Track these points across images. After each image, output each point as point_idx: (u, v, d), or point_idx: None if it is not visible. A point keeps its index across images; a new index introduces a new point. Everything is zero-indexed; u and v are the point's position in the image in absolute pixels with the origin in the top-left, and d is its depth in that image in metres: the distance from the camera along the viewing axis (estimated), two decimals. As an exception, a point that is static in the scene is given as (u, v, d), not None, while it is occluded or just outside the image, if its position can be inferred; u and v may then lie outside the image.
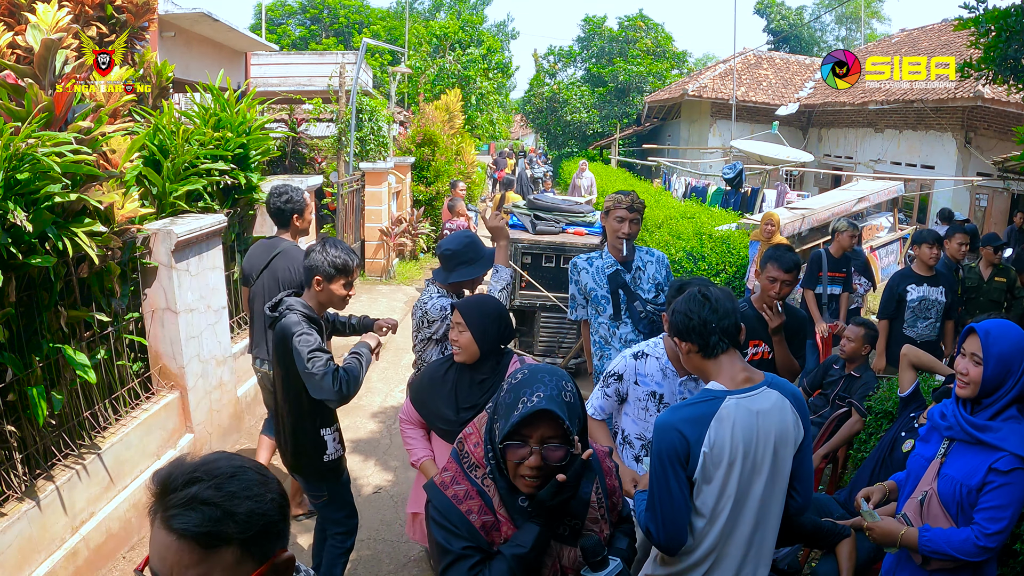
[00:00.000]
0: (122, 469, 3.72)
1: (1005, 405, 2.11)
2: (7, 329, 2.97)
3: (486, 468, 1.57)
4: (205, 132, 4.66)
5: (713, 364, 2.00)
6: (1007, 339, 2.11)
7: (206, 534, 0.98)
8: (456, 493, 1.55)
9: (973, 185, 11.58)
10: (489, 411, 1.61)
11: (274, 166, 8.76)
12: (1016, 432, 2.06)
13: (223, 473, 1.03)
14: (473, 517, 1.52)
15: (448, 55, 20.49)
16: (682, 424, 1.88)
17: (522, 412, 1.44)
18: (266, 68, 12.63)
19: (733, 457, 1.89)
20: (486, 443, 1.58)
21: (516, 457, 1.47)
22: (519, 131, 38.23)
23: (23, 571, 3.01)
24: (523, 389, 1.48)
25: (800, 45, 33.53)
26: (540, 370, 1.53)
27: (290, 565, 1.10)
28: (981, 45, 5.14)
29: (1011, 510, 2.03)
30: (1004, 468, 2.03)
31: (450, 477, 1.59)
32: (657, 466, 1.89)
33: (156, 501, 1.02)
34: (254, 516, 1.01)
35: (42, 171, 2.96)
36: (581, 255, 3.65)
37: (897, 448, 3.20)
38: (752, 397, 1.93)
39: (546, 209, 6.47)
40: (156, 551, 1.00)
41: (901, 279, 4.95)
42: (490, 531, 1.53)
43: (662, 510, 1.87)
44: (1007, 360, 2.09)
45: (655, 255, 3.58)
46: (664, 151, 21.47)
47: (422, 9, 35.58)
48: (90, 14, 4.72)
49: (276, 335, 2.85)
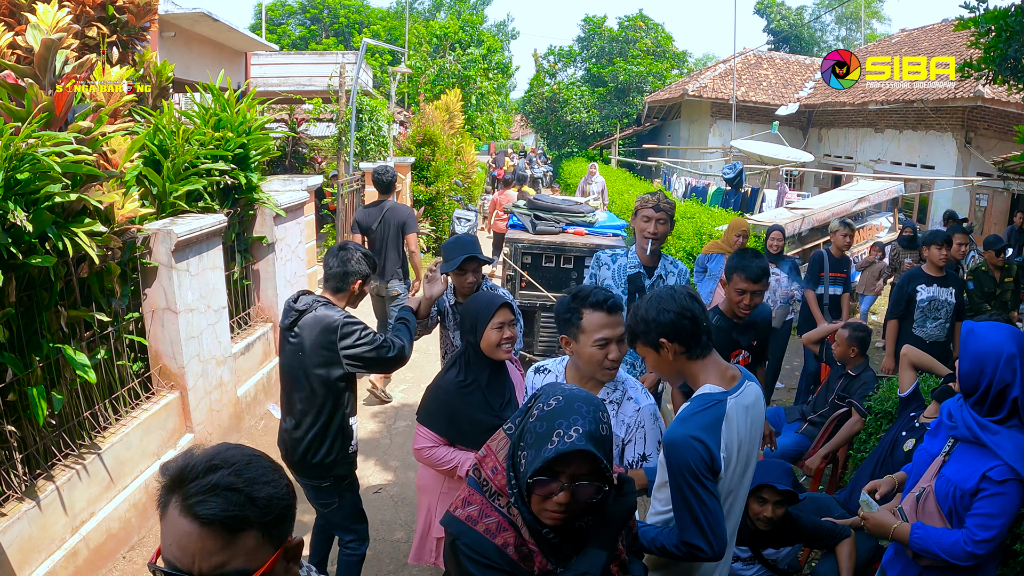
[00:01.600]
0: (122, 469, 3.72)
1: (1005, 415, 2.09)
2: (7, 329, 2.97)
3: (509, 497, 1.46)
4: (205, 132, 4.66)
5: (700, 365, 1.96)
6: (985, 339, 2.11)
7: (232, 518, 0.99)
8: (488, 527, 1.44)
9: (973, 185, 11.59)
10: (509, 433, 1.51)
11: (274, 166, 8.78)
12: (1014, 441, 2.06)
13: (240, 461, 1.04)
14: (510, 551, 1.42)
15: (448, 55, 20.49)
16: (699, 433, 1.82)
17: (558, 449, 1.32)
18: (266, 68, 12.63)
19: (734, 454, 1.90)
20: (508, 470, 1.46)
21: (544, 492, 1.37)
22: (519, 131, 38.23)
23: (23, 571, 3.01)
24: (558, 420, 1.36)
25: (800, 45, 33.54)
26: (576, 398, 1.40)
27: (299, 549, 1.12)
28: (981, 45, 5.14)
29: (1002, 520, 2.04)
30: (997, 478, 2.03)
31: (477, 511, 1.47)
32: (691, 480, 1.81)
33: (172, 491, 1.02)
34: (273, 500, 1.04)
35: (42, 171, 2.96)
36: (606, 250, 3.55)
37: (898, 448, 3.20)
38: (742, 393, 1.94)
39: (546, 209, 6.47)
40: (176, 540, 1.00)
41: (910, 279, 4.94)
42: (526, 562, 1.44)
43: (708, 521, 1.81)
44: (980, 359, 2.09)
45: (679, 267, 3.45)
46: (664, 151, 21.47)
47: (422, 9, 35.59)
48: (91, 14, 4.72)
49: (313, 327, 2.80)
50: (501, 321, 2.60)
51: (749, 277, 3.02)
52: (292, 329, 2.86)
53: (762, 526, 2.68)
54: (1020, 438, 2.07)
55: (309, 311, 2.84)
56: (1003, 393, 2.08)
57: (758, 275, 3.01)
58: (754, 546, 2.75)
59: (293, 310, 2.87)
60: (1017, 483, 2.02)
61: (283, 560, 1.07)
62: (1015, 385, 2.06)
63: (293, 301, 2.90)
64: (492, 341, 2.60)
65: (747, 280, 3.02)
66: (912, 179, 12.41)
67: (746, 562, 2.79)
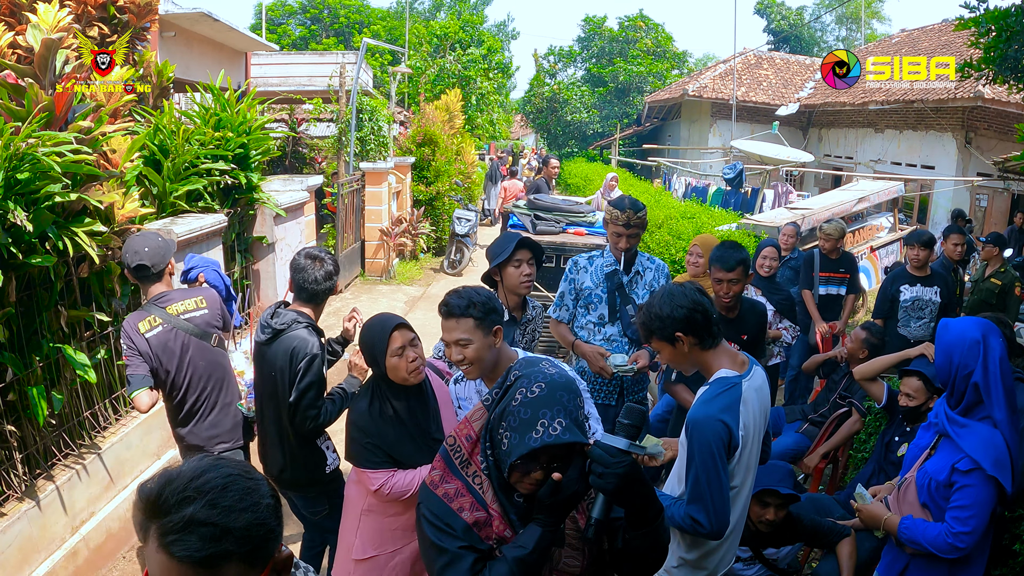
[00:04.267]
0: (122, 469, 3.72)
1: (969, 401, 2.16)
2: (7, 329, 2.97)
3: (480, 465, 1.54)
4: (205, 132, 4.66)
5: (712, 354, 2.09)
6: (955, 330, 2.18)
7: (209, 556, 0.97)
8: (447, 492, 1.53)
9: (973, 185, 11.59)
10: (488, 405, 1.56)
11: (274, 166, 8.77)
12: (978, 434, 2.11)
13: (215, 487, 1.00)
14: (465, 515, 1.50)
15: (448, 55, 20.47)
16: (721, 413, 1.96)
17: (544, 440, 1.40)
18: (266, 68, 12.62)
19: (751, 432, 2.02)
20: (484, 441, 1.54)
21: (524, 471, 1.46)
22: (519, 131, 38.23)
23: (23, 571, 3.01)
24: (542, 410, 1.43)
25: (800, 45, 33.51)
26: (558, 386, 1.47)
27: (289, 562, 1.10)
28: (981, 45, 5.14)
29: (975, 511, 2.08)
30: (963, 468, 2.10)
31: (439, 475, 1.56)
32: (707, 457, 1.93)
33: (148, 521, 1.00)
34: (252, 527, 1.00)
35: (42, 171, 2.96)
36: (583, 254, 3.59)
37: (892, 452, 3.22)
38: (753, 377, 2.07)
39: (546, 209, 6.47)
40: (160, 573, 0.99)
41: (894, 280, 4.97)
42: (482, 527, 1.51)
43: (713, 498, 1.93)
44: (949, 349, 2.16)
45: (656, 263, 3.53)
46: (664, 151, 21.47)
47: (422, 9, 35.58)
48: (92, 14, 4.72)
49: (282, 350, 2.71)
50: (400, 345, 2.38)
51: (723, 267, 3.19)
52: (269, 345, 2.76)
53: (764, 528, 2.69)
54: (986, 430, 2.12)
55: (287, 331, 2.73)
56: (966, 379, 2.14)
57: (732, 265, 3.16)
58: (755, 546, 2.75)
59: (270, 327, 2.76)
60: (981, 473, 2.07)
61: (273, 574, 1.06)
62: (976, 371, 2.11)
63: (270, 317, 2.79)
64: (399, 368, 2.37)
65: (722, 270, 3.19)
66: (912, 179, 12.40)
67: (747, 562, 2.79)
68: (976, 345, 2.12)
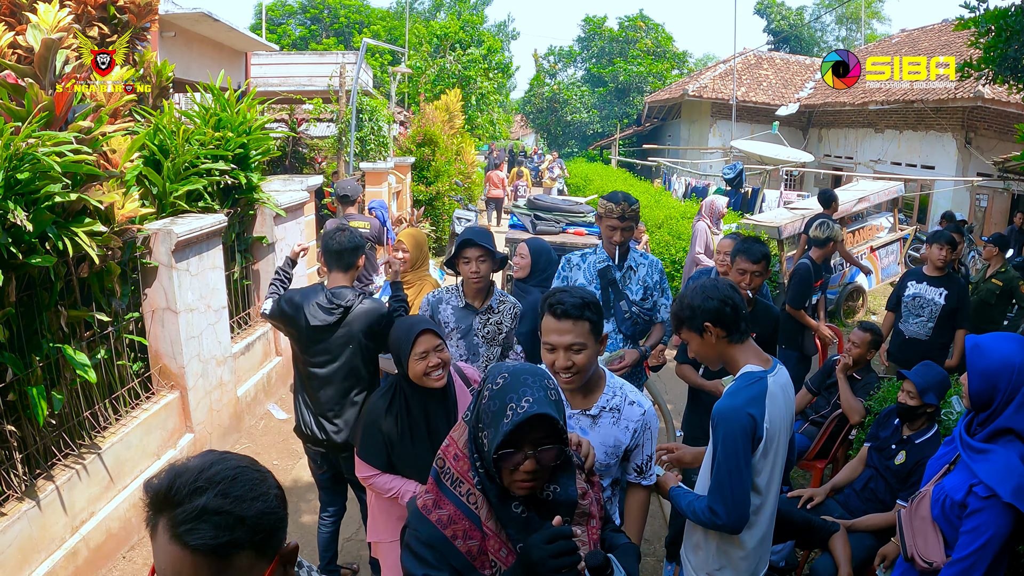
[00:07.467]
0: (122, 469, 3.72)
1: (998, 429, 2.04)
2: (7, 329, 2.97)
3: (472, 481, 1.49)
4: (205, 132, 4.66)
5: (739, 349, 2.10)
6: (993, 354, 2.04)
7: (223, 544, 0.97)
8: (440, 518, 1.49)
9: (973, 185, 11.59)
10: (467, 419, 1.53)
11: (274, 166, 8.77)
12: (997, 460, 2.01)
13: (225, 477, 1.01)
14: (459, 543, 1.47)
15: (448, 55, 20.47)
16: (747, 405, 1.97)
17: (514, 420, 1.37)
18: (266, 68, 12.61)
19: (779, 431, 2.02)
20: (471, 453, 1.49)
21: (511, 464, 1.41)
22: (519, 131, 38.23)
23: (23, 571, 3.01)
24: (508, 394, 1.40)
25: (800, 45, 33.52)
26: (521, 371, 1.46)
27: (295, 555, 1.11)
28: (981, 45, 5.15)
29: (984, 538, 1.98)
30: (981, 494, 2.01)
31: (432, 500, 1.51)
32: (731, 448, 1.94)
33: (158, 514, 1.00)
34: (263, 516, 1.02)
35: (42, 171, 2.96)
36: (576, 252, 3.62)
37: (891, 459, 3.21)
38: (778, 374, 2.10)
39: (546, 209, 6.49)
40: (168, 565, 0.99)
41: (906, 276, 5.09)
42: (477, 556, 1.48)
43: (733, 490, 1.94)
44: (991, 376, 2.02)
45: (649, 259, 3.55)
46: (664, 151, 21.48)
47: (422, 9, 35.56)
48: (92, 14, 4.73)
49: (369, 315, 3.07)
50: (424, 350, 2.39)
51: (749, 258, 3.29)
52: (341, 322, 3.04)
53: None
54: (1007, 456, 2.00)
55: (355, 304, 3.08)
56: (1009, 404, 2.01)
57: (757, 257, 3.29)
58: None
59: (338, 307, 3.04)
60: (997, 501, 1.97)
61: (280, 567, 1.07)
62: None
63: (331, 299, 3.06)
64: (418, 372, 2.40)
65: (748, 260, 3.30)
66: (912, 179, 12.41)
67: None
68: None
